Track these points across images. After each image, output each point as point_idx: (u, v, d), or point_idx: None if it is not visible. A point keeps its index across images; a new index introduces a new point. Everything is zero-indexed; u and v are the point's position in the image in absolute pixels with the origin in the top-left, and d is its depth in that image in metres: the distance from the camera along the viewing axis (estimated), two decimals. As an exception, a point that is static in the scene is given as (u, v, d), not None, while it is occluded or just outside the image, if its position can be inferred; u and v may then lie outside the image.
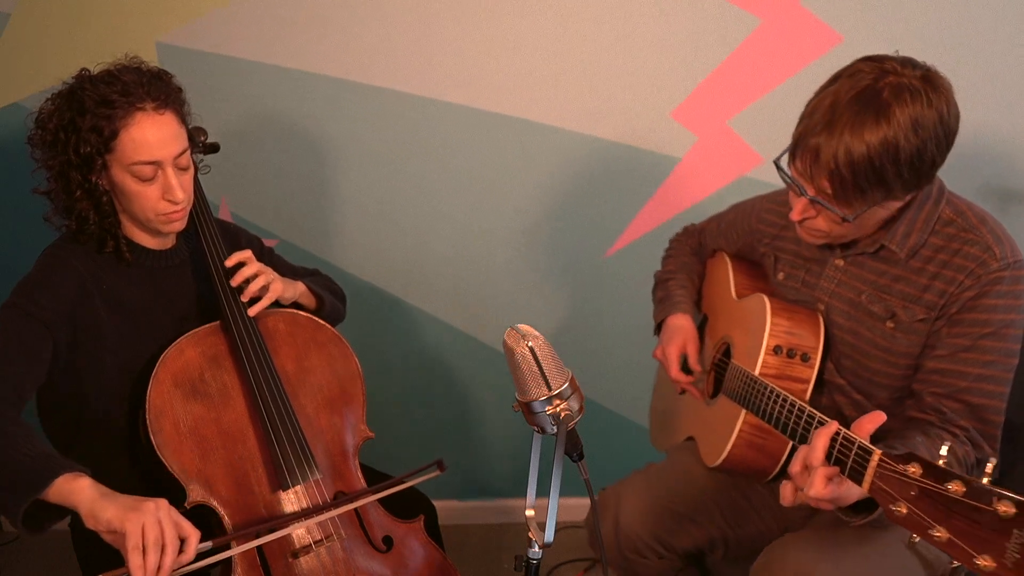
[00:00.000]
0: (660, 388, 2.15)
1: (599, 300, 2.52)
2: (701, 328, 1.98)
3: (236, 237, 1.87)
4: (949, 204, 1.53)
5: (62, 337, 1.55)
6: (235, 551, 1.49)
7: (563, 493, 1.22)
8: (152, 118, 1.54)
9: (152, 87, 1.56)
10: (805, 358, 1.62)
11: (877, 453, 1.17)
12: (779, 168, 1.50)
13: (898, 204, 1.48)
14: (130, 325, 1.64)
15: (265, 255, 1.93)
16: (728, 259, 1.93)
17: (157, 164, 1.56)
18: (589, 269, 2.50)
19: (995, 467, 1.51)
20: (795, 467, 1.29)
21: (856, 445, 1.22)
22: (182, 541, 1.34)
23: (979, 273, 1.45)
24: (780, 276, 1.76)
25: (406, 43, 2.27)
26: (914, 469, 1.11)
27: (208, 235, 1.73)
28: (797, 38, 2.28)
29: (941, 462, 1.10)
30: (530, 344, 1.19)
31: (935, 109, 1.36)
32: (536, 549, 1.26)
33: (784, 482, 1.31)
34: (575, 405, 1.23)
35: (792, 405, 1.45)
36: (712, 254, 2.02)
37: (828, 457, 1.26)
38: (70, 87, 1.58)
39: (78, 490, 1.33)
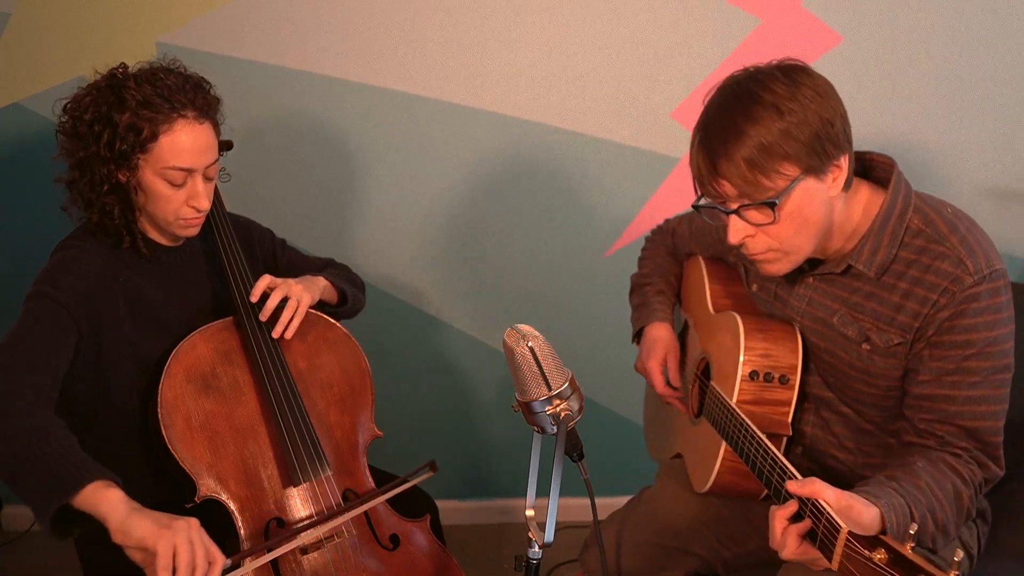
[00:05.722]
0: (648, 399, 2.13)
1: (599, 300, 2.52)
2: (683, 335, 1.92)
3: (249, 232, 1.87)
4: (917, 212, 1.43)
5: (84, 326, 1.55)
6: (247, 568, 1.47)
7: (563, 493, 1.23)
8: (192, 126, 1.56)
9: (196, 95, 1.57)
10: (783, 380, 1.55)
11: (844, 530, 1.13)
12: (698, 209, 1.48)
13: (830, 189, 1.39)
14: (146, 319, 1.65)
15: (279, 250, 1.93)
16: (703, 265, 1.85)
17: (189, 171, 1.57)
18: (589, 269, 2.50)
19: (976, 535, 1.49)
20: (776, 524, 1.26)
21: (824, 516, 1.17)
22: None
23: (953, 291, 1.37)
24: (754, 288, 1.68)
25: (407, 43, 2.27)
26: (880, 556, 1.08)
27: (226, 242, 1.73)
28: (797, 38, 2.28)
29: (909, 546, 1.07)
30: (530, 344, 1.20)
31: (800, 78, 1.35)
32: (536, 549, 1.26)
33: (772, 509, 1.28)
34: (575, 405, 1.23)
35: (766, 453, 1.37)
36: (687, 256, 1.96)
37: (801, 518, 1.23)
38: (109, 81, 1.57)
39: (107, 501, 1.30)
